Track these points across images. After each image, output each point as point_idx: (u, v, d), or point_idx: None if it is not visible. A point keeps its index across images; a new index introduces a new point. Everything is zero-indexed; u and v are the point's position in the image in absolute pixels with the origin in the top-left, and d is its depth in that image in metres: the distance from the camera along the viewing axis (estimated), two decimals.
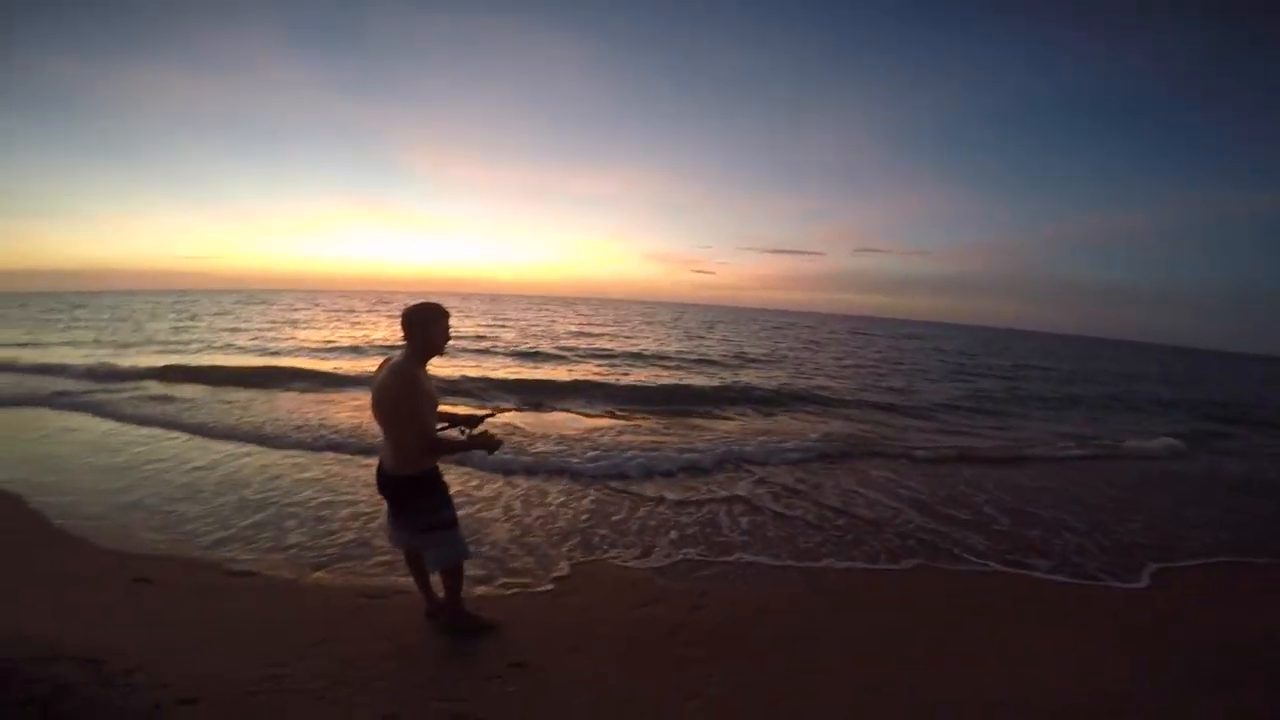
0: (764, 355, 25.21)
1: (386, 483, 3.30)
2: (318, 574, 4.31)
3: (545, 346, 23.23)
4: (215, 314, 37.07)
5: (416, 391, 3.07)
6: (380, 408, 3.15)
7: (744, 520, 5.94)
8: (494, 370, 16.33)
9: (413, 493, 3.29)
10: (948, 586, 4.77)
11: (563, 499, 6.24)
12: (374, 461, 3.40)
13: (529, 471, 7.11)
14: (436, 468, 3.37)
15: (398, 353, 3.23)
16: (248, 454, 7.43)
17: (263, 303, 52.70)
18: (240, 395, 11.41)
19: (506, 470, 7.03)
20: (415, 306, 3.19)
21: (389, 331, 27.09)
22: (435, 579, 3.73)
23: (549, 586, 4.32)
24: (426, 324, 3.16)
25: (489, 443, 3.29)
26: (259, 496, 5.92)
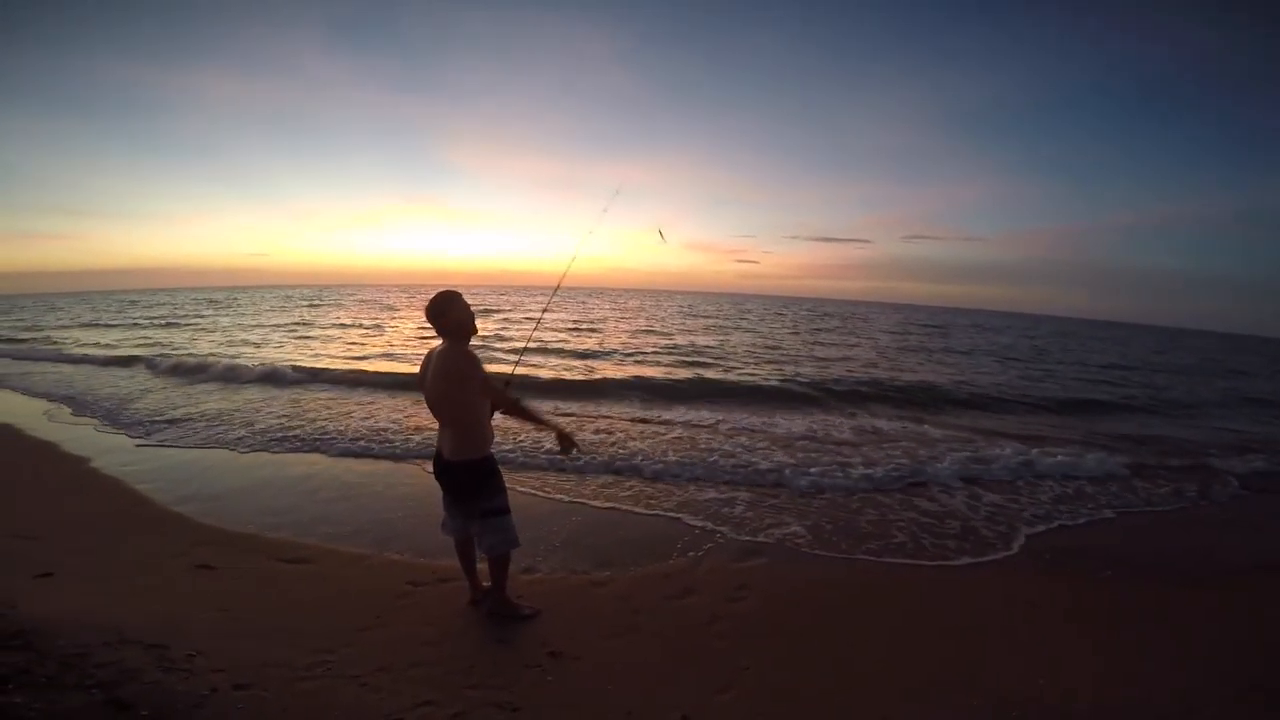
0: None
1: (447, 471, 3.43)
2: (368, 561, 4.43)
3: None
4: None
5: (478, 362, 3.26)
6: (443, 393, 3.31)
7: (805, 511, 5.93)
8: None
9: (473, 478, 3.43)
10: (1014, 584, 4.60)
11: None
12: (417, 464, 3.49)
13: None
14: (493, 456, 3.50)
15: (438, 345, 3.38)
16: (318, 454, 7.68)
17: (317, 301, 53.97)
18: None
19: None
20: (432, 300, 3.33)
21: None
22: (482, 568, 3.83)
23: (587, 575, 4.36)
24: (446, 309, 3.31)
25: (570, 441, 3.51)
26: (322, 489, 6.17)
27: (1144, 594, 4.46)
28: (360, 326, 25.87)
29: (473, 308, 3.41)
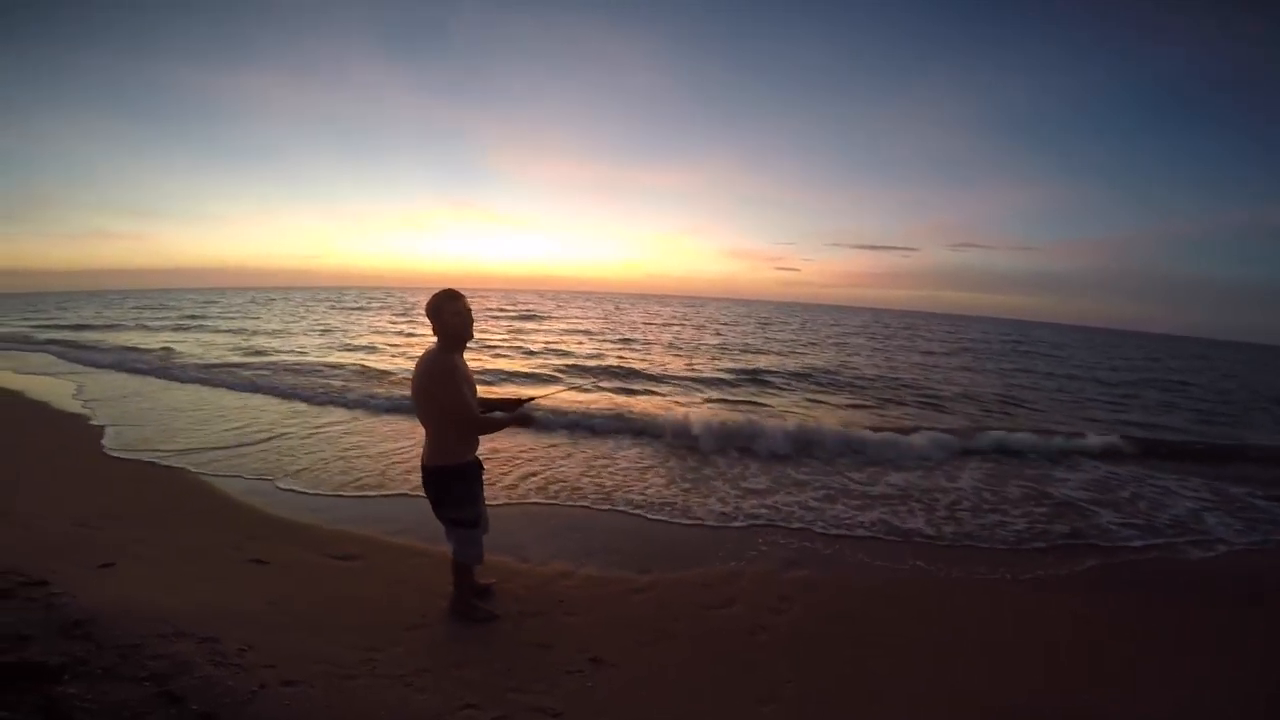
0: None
1: (423, 473, 3.34)
2: (417, 559, 4.38)
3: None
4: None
5: (451, 375, 3.11)
6: (417, 400, 3.22)
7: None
8: None
9: (439, 485, 3.32)
10: (1065, 596, 4.41)
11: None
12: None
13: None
14: (471, 465, 3.38)
15: (431, 346, 3.26)
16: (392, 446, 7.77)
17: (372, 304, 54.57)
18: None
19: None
20: (431, 298, 3.21)
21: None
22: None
23: (627, 581, 4.24)
24: (437, 311, 3.18)
25: (526, 420, 3.46)
26: (381, 483, 6.19)
27: (1224, 619, 4.20)
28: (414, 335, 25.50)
29: (515, 311, 3.36)
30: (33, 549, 3.80)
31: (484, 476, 3.54)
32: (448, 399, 3.13)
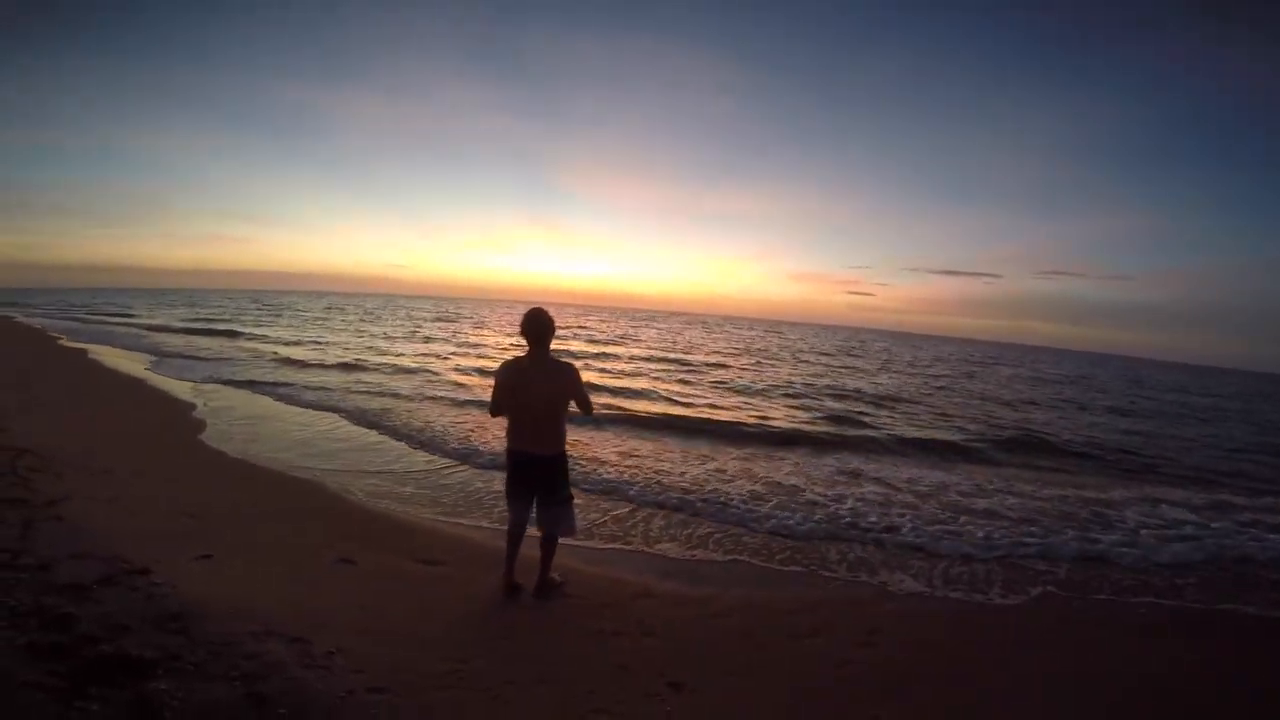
0: None
1: (539, 464, 3.58)
2: (502, 567, 4.18)
3: None
4: None
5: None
6: (556, 396, 3.53)
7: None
8: None
9: (562, 468, 3.67)
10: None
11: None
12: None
13: None
14: None
15: (535, 353, 3.50)
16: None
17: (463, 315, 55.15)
18: None
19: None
20: (539, 315, 3.50)
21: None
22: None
23: (707, 603, 3.94)
24: (548, 324, 3.52)
25: None
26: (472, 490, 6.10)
27: None
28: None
29: (586, 332, 3.38)
30: (139, 536, 3.79)
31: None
32: (584, 391, 3.61)
